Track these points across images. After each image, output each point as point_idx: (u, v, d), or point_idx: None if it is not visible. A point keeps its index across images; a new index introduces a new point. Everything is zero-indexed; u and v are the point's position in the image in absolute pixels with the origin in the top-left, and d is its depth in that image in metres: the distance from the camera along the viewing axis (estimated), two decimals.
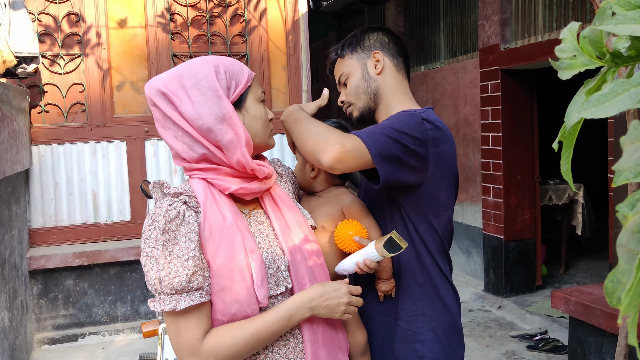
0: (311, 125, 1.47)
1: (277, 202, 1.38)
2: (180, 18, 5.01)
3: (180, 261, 1.17)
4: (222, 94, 1.25)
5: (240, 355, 1.22)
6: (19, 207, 4.35)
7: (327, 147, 1.37)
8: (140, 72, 4.96)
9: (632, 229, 0.50)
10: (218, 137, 1.24)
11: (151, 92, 1.28)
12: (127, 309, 4.78)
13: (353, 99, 1.70)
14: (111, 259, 4.62)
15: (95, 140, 4.84)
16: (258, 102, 1.34)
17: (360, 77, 1.69)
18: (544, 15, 4.72)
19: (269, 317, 1.22)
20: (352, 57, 1.71)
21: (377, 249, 1.37)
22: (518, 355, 4.15)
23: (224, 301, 1.21)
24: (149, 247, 1.19)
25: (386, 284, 1.55)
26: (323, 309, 1.27)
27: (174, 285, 1.17)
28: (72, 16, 4.79)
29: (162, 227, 1.18)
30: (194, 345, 1.20)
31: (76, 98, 4.82)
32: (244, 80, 1.31)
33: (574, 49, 0.78)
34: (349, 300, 1.29)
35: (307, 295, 1.26)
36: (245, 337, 1.20)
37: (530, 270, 5.33)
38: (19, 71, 4.26)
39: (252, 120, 1.32)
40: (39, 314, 4.61)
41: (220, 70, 1.28)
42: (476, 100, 5.61)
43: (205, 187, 1.27)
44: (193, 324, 1.20)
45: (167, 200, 1.23)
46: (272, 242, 1.32)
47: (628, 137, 0.54)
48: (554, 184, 5.72)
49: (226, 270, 1.21)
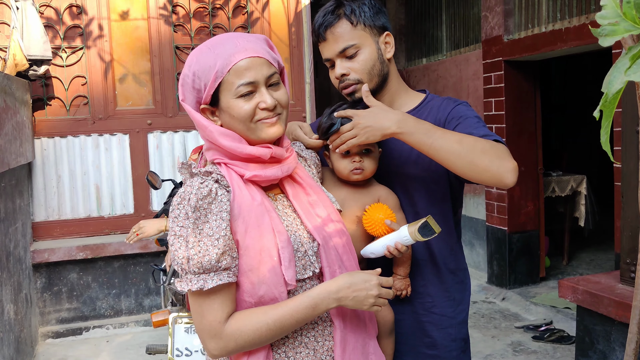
0: (466, 141, 1.36)
1: (302, 185, 1.35)
2: (182, 10, 4.98)
3: (210, 240, 1.16)
4: (192, 102, 1.28)
5: (262, 341, 1.20)
6: (22, 201, 4.32)
7: (508, 166, 1.33)
8: (142, 65, 4.94)
9: None
10: (202, 135, 1.29)
11: None
12: (131, 302, 4.77)
13: (365, 78, 1.53)
14: (115, 252, 4.60)
15: (97, 133, 4.81)
16: (235, 98, 1.23)
17: (376, 57, 1.54)
18: (548, 5, 4.71)
19: (293, 304, 1.19)
20: (365, 30, 1.54)
21: (411, 233, 1.34)
22: (524, 345, 4.15)
23: (252, 282, 1.20)
24: (177, 225, 1.17)
25: (401, 282, 1.53)
26: (351, 300, 1.21)
27: (202, 264, 1.15)
28: (74, 8, 4.76)
29: (193, 205, 1.17)
30: (216, 328, 1.19)
31: (78, 91, 4.80)
32: (211, 78, 1.23)
33: (616, 15, 0.77)
34: (378, 293, 1.23)
35: (334, 285, 1.21)
36: (267, 324, 1.18)
37: (533, 262, 5.33)
38: (30, 73, 4.27)
39: (230, 119, 1.25)
40: (43, 307, 4.60)
41: (191, 72, 1.26)
42: (479, 92, 5.60)
43: (229, 170, 1.26)
44: (217, 306, 1.19)
45: (199, 179, 1.21)
46: (299, 226, 1.30)
47: None
48: (557, 175, 5.72)
49: (254, 251, 1.19)
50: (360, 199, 1.50)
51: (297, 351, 1.25)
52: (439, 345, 1.60)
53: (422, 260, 1.59)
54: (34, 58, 4.23)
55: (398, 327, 1.59)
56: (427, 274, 1.59)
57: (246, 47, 1.23)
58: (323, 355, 1.27)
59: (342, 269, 1.30)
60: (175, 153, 4.98)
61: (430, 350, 1.60)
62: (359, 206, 1.48)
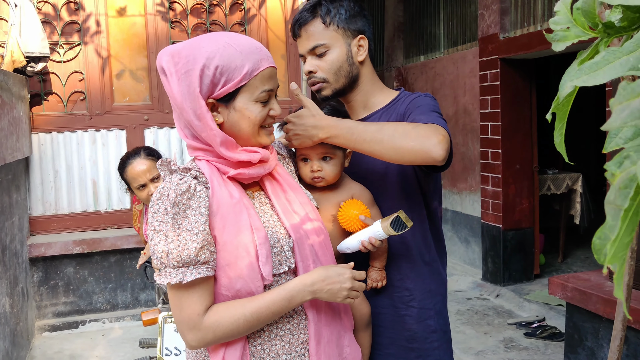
0: (386, 128, 1.40)
1: (280, 183, 1.38)
2: (179, 6, 5.00)
3: (189, 234, 1.19)
4: (198, 92, 1.23)
5: (240, 332, 1.23)
6: (19, 195, 4.36)
7: (433, 141, 1.33)
8: (139, 61, 4.96)
9: (619, 186, 0.51)
10: (197, 130, 1.26)
11: (158, 65, 1.28)
12: (127, 297, 4.81)
13: (331, 78, 1.59)
14: (111, 246, 4.64)
15: (95, 128, 4.84)
16: (253, 101, 1.28)
17: (345, 59, 1.59)
18: (543, 4, 4.72)
19: (269, 297, 1.23)
20: (338, 31, 1.58)
21: (384, 228, 1.38)
22: (515, 342, 4.19)
23: (229, 276, 1.23)
24: (157, 220, 1.20)
25: (378, 273, 1.57)
26: (325, 293, 1.26)
27: (182, 258, 1.18)
28: (71, 4, 4.78)
29: (172, 200, 1.20)
30: (195, 320, 1.22)
31: (76, 86, 4.82)
32: (238, 78, 1.25)
33: (567, 21, 0.80)
34: (351, 286, 1.28)
35: (309, 278, 1.26)
36: (245, 315, 1.21)
37: (528, 259, 5.36)
38: (28, 70, 4.30)
39: (239, 119, 1.28)
40: (39, 301, 4.64)
41: (212, 64, 1.23)
42: (475, 89, 5.61)
43: (211, 167, 1.29)
44: (195, 299, 1.22)
45: (177, 175, 1.24)
46: (276, 222, 1.33)
47: (617, 98, 0.56)
48: (552, 173, 5.74)
49: (232, 246, 1.22)
50: (335, 197, 1.53)
51: (273, 344, 1.28)
52: (419, 338, 1.63)
53: (397, 254, 1.62)
54: (32, 55, 4.26)
55: (378, 321, 1.62)
56: (404, 267, 1.62)
57: (269, 56, 1.31)
58: (298, 347, 1.30)
59: (317, 263, 1.33)
60: (172, 149, 5.01)
61: (410, 344, 1.63)
62: (333, 204, 1.52)
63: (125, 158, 2.80)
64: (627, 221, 0.50)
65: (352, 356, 1.40)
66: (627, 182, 0.51)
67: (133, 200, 3.08)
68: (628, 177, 0.51)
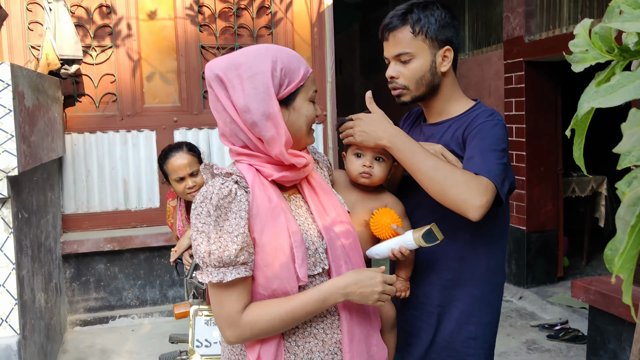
0: (442, 172, 1.46)
1: (315, 188, 1.45)
2: (208, 10, 5.11)
3: (230, 236, 1.26)
4: (273, 92, 1.30)
5: (275, 330, 1.31)
6: (53, 194, 4.51)
7: (475, 203, 1.43)
8: (169, 63, 5.09)
9: (628, 203, 0.58)
10: (262, 132, 1.31)
11: (209, 75, 1.34)
12: (156, 293, 4.93)
13: (412, 86, 1.63)
14: (141, 244, 4.77)
15: (125, 129, 4.98)
16: (308, 101, 1.37)
17: (428, 69, 1.62)
18: (569, 7, 4.72)
19: (304, 297, 1.30)
20: (425, 41, 1.61)
21: (415, 238, 1.44)
22: (538, 344, 4.20)
23: (266, 276, 1.30)
24: (200, 222, 1.28)
25: (402, 283, 1.63)
26: (357, 295, 1.32)
27: (222, 259, 1.26)
28: (103, 8, 4.92)
29: (215, 204, 1.27)
30: (234, 317, 1.29)
31: (107, 88, 4.97)
32: (298, 79, 1.34)
33: (586, 44, 0.85)
34: (382, 290, 1.34)
35: (342, 281, 1.33)
36: (280, 314, 1.29)
37: (552, 262, 5.36)
38: (62, 72, 4.45)
39: (298, 118, 1.36)
40: (71, 296, 4.79)
41: (277, 67, 1.31)
42: (500, 91, 5.62)
43: (252, 171, 1.35)
44: (235, 297, 1.29)
45: (219, 180, 1.32)
46: (310, 225, 1.40)
47: (627, 123, 0.62)
48: (577, 176, 5.72)
49: (270, 248, 1.30)
50: (369, 203, 1.59)
51: (307, 341, 1.35)
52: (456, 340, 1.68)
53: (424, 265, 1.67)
54: (66, 57, 4.40)
55: (422, 316, 1.69)
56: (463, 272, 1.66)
57: None
58: (331, 347, 1.37)
59: (349, 265, 1.40)
60: None
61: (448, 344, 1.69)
62: (367, 210, 1.58)
63: (168, 150, 2.89)
64: (634, 235, 0.56)
65: (379, 355, 1.46)
66: (635, 200, 0.57)
67: (167, 196, 3.17)
68: (636, 196, 0.57)
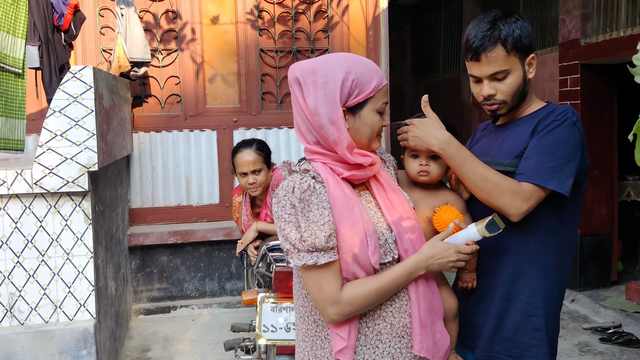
0: (490, 181, 1.61)
1: (383, 185, 1.59)
2: (267, 15, 5.32)
3: (317, 225, 1.42)
4: (339, 100, 1.44)
5: (370, 304, 1.46)
6: (122, 189, 4.79)
7: (515, 211, 1.60)
8: (230, 66, 5.31)
9: None
10: (327, 134, 1.46)
11: (291, 76, 1.51)
12: (215, 285, 5.17)
13: (509, 100, 1.71)
14: (201, 238, 5.01)
15: (188, 129, 5.24)
16: (375, 111, 1.50)
17: (521, 80, 1.70)
18: (627, 9, 4.70)
19: (392, 273, 1.47)
20: (517, 55, 1.67)
21: (479, 230, 1.55)
22: (590, 346, 4.22)
23: (346, 262, 1.45)
24: (286, 213, 1.44)
25: (468, 275, 1.76)
26: (436, 266, 1.51)
27: (315, 245, 1.41)
28: (169, 13, 5.19)
29: (298, 197, 1.43)
30: (335, 296, 1.44)
31: (172, 90, 5.23)
32: (368, 90, 1.47)
33: None
34: (457, 258, 1.52)
35: (422, 256, 1.50)
36: (375, 289, 1.45)
37: (605, 265, 5.32)
38: (132, 74, 4.73)
39: (362, 126, 1.50)
40: (136, 286, 5.07)
41: (350, 77, 1.45)
42: (555, 94, 5.62)
43: (326, 168, 1.51)
44: (332, 278, 1.45)
45: (298, 175, 1.48)
46: (380, 218, 1.54)
47: None
48: (633, 180, 5.65)
49: (347, 236, 1.44)
50: (431, 200, 1.72)
51: (377, 322, 1.50)
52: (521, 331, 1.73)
53: None
54: (135, 60, 4.67)
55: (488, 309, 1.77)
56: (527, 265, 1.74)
57: (384, 75, 1.56)
58: (399, 330, 1.51)
59: None
60: None
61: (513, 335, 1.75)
62: (429, 207, 1.70)
63: (240, 145, 3.11)
64: None
65: (442, 342, 1.59)
66: None
67: (233, 192, 3.36)
68: None
